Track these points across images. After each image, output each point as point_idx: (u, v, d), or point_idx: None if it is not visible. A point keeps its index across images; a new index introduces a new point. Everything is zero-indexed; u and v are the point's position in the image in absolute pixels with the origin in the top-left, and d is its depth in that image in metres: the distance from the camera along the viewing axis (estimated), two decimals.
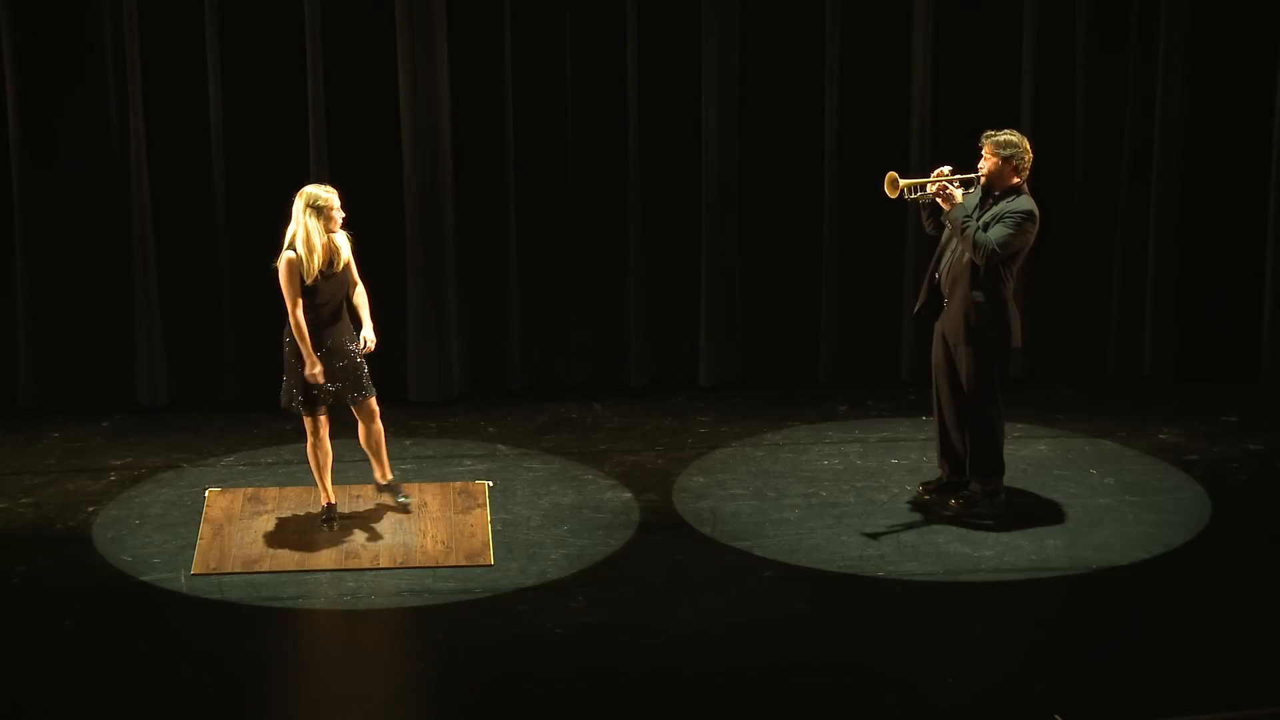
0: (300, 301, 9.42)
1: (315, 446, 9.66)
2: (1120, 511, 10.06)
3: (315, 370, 9.45)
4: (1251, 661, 8.46)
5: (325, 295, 9.50)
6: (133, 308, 11.42)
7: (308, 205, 9.41)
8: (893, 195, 9.70)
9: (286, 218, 11.38)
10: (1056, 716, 7.80)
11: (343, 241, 9.54)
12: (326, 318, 9.54)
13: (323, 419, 9.63)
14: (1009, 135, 9.68)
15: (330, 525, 9.74)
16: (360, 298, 9.68)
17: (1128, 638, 8.70)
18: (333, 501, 9.79)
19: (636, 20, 11.47)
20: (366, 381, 9.67)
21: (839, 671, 8.40)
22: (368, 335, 9.66)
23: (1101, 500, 10.21)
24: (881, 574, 9.32)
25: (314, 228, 9.39)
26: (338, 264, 9.52)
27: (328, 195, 9.44)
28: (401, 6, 11.21)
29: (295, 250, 9.41)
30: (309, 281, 9.42)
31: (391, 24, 11.23)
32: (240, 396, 11.59)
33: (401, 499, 9.92)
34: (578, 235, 11.80)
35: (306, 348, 9.44)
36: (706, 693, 8.23)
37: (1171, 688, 8.21)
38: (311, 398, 9.55)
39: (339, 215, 9.45)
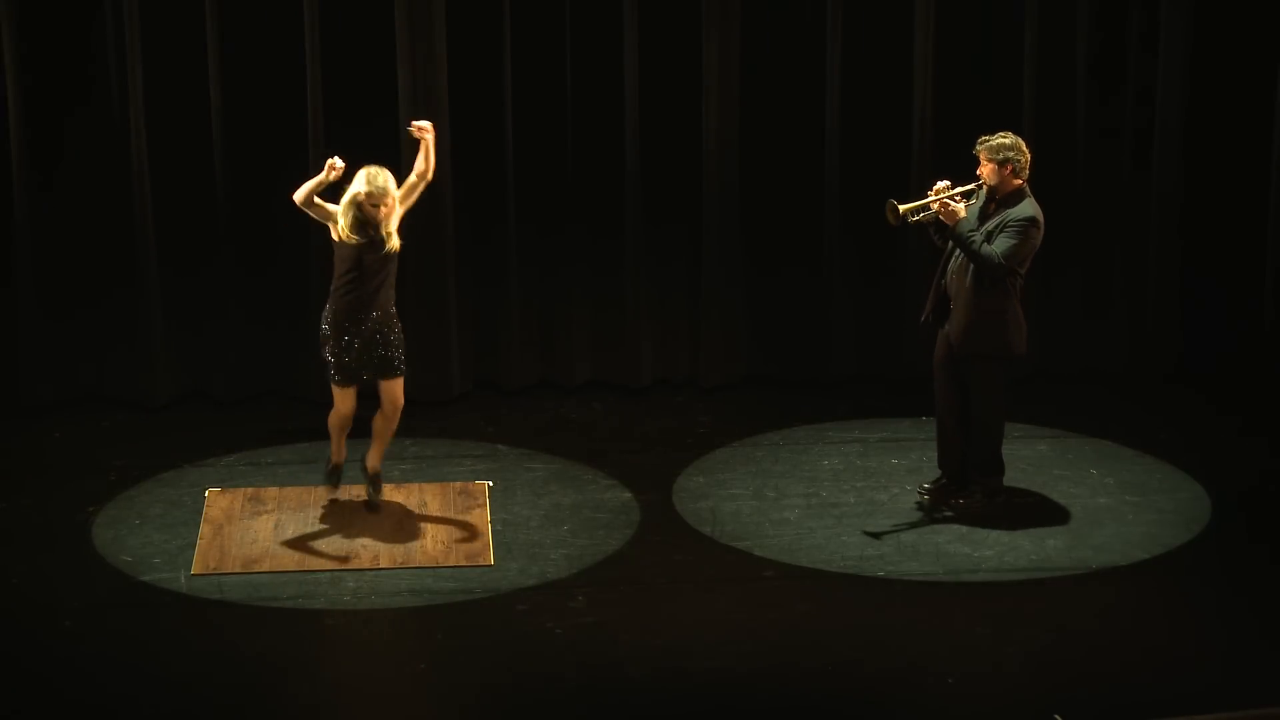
0: (316, 199, 9.51)
1: (336, 413, 9.71)
2: (1120, 511, 10.06)
3: (333, 160, 9.48)
4: (1251, 661, 8.46)
5: (370, 269, 9.49)
6: (134, 307, 11.42)
7: (360, 184, 9.46)
8: (894, 222, 9.71)
9: (286, 217, 11.43)
10: (1056, 716, 7.81)
11: (393, 218, 9.55)
12: (368, 292, 9.52)
13: (351, 394, 9.64)
14: (1002, 139, 9.67)
15: (333, 484, 9.86)
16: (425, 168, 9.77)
17: (1128, 638, 8.70)
18: (340, 462, 9.87)
19: (637, 20, 11.46)
20: (396, 364, 9.66)
21: (839, 671, 8.40)
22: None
23: (1101, 500, 10.21)
24: (881, 574, 9.32)
25: (346, 204, 9.47)
26: (382, 243, 9.51)
27: (369, 189, 9.41)
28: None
29: (342, 211, 9.48)
30: (338, 237, 9.51)
31: (390, 15, 11.23)
32: (240, 396, 11.59)
33: (375, 495, 9.90)
34: (578, 237, 11.79)
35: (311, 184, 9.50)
36: (706, 693, 8.23)
37: (1171, 688, 8.22)
38: (344, 371, 9.55)
39: (374, 208, 9.43)
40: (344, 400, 9.71)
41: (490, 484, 10.37)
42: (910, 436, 11.07)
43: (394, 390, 9.71)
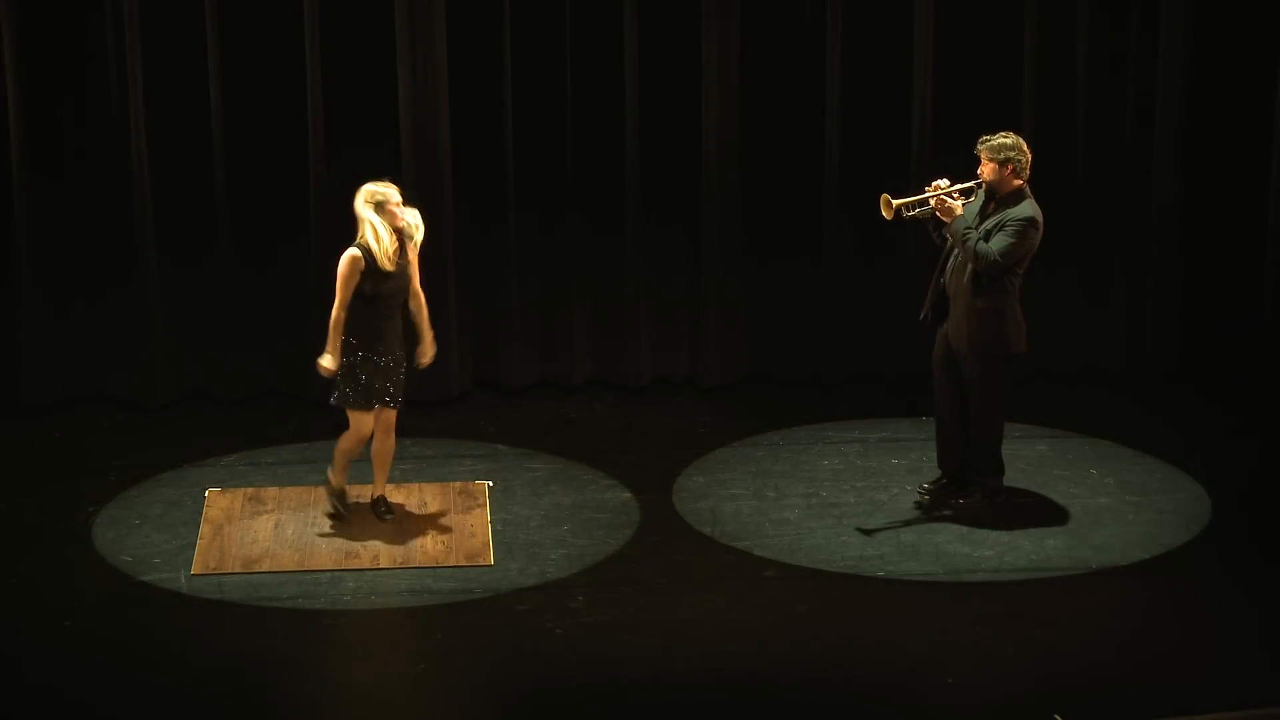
0: (349, 301, 9.41)
1: (355, 436, 9.61)
2: (1120, 511, 10.06)
3: (328, 364, 9.42)
4: (1251, 661, 8.46)
5: (385, 297, 9.46)
6: (134, 308, 11.42)
7: (368, 201, 9.40)
8: (889, 216, 9.70)
9: (287, 215, 11.43)
10: (1056, 716, 7.81)
11: (414, 229, 9.49)
12: (384, 318, 9.50)
13: (369, 418, 9.57)
14: (1003, 139, 9.67)
15: (342, 514, 9.76)
16: (418, 305, 9.62)
17: (1128, 638, 8.70)
18: (344, 489, 9.80)
19: (637, 20, 11.46)
20: (398, 397, 9.63)
21: (839, 671, 8.40)
22: (428, 348, 9.64)
23: (1101, 500, 10.21)
24: (881, 574, 9.32)
25: (379, 221, 9.38)
26: (407, 255, 9.48)
27: (385, 190, 9.41)
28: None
29: (360, 248, 9.38)
30: (383, 268, 9.38)
31: (390, 15, 11.22)
32: (241, 396, 11.59)
33: (387, 516, 9.88)
34: (578, 237, 11.79)
35: (335, 342, 9.43)
36: (707, 693, 8.23)
37: (1171, 688, 8.21)
38: (365, 392, 9.52)
39: (398, 209, 9.40)
40: (365, 423, 9.59)
41: (490, 484, 10.37)
42: (910, 436, 11.07)
43: (390, 420, 9.70)
